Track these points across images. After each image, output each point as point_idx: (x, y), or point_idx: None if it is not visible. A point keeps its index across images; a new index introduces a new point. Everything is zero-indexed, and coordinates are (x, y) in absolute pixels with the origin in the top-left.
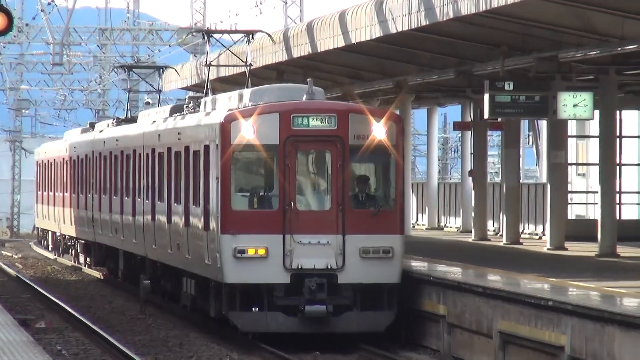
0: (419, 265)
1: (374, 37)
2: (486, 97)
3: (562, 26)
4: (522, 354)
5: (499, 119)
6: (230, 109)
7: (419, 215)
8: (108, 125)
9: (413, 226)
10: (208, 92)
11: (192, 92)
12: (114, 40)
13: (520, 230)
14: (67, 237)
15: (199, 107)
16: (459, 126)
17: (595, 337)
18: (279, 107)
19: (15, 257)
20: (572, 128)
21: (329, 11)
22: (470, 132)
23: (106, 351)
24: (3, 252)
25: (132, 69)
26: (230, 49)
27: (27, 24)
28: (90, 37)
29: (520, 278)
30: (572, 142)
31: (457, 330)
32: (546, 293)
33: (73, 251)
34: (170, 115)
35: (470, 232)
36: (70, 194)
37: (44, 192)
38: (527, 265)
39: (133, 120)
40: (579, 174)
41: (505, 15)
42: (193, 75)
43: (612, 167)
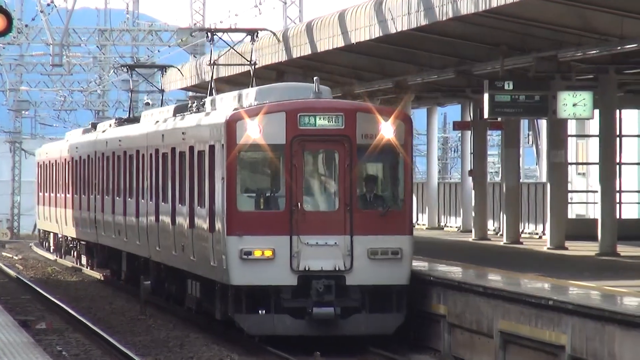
0: (419, 265)
1: (374, 37)
2: (486, 97)
3: (562, 26)
4: (523, 353)
5: (499, 119)
6: (235, 109)
7: (419, 215)
8: (110, 126)
9: (413, 226)
10: (212, 91)
11: (191, 93)
12: (113, 41)
13: (521, 230)
14: (68, 238)
15: (203, 106)
16: (459, 126)
17: (596, 337)
18: (285, 106)
19: (16, 258)
20: (572, 127)
21: (328, 11)
22: (470, 131)
23: (107, 352)
24: (3, 254)
25: (135, 69)
26: (233, 48)
27: (26, 25)
28: (89, 37)
29: (520, 277)
30: (572, 142)
31: (457, 330)
32: (546, 292)
33: (75, 253)
34: (174, 115)
35: (471, 231)
36: (72, 195)
37: (46, 193)
38: (528, 265)
39: (136, 120)
40: (579, 173)
41: (504, 14)
42: (193, 76)
43: (612, 166)
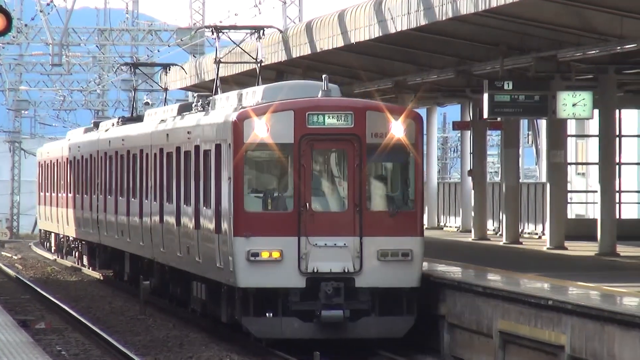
0: None
1: (373, 37)
2: (485, 97)
3: (561, 25)
4: (522, 353)
5: (499, 119)
6: (242, 107)
7: None
8: (113, 125)
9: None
10: (218, 90)
11: (191, 93)
12: (113, 41)
13: (520, 230)
14: (70, 238)
15: (209, 105)
16: (459, 126)
17: (595, 337)
18: (293, 105)
19: (15, 258)
20: (571, 127)
21: (328, 11)
22: (469, 131)
23: (106, 352)
24: (3, 253)
25: (138, 67)
26: (239, 46)
27: (26, 25)
28: (89, 37)
29: (520, 277)
30: (571, 142)
31: (457, 330)
32: (546, 292)
33: (77, 253)
34: (179, 114)
35: (470, 231)
36: (74, 195)
37: (47, 193)
38: (527, 265)
39: (139, 119)
40: (579, 174)
41: (504, 14)
42: (193, 75)
43: (612, 166)
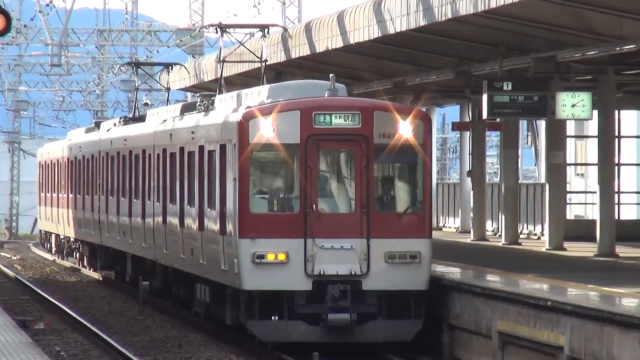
0: None
1: (373, 38)
2: (485, 98)
3: (561, 26)
4: (521, 354)
5: (498, 119)
6: (248, 107)
7: None
8: (115, 125)
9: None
10: (222, 89)
11: (190, 93)
12: (112, 41)
13: (519, 231)
14: (71, 239)
15: (212, 104)
16: (458, 126)
17: (595, 337)
18: (299, 104)
19: (14, 258)
20: (570, 128)
21: (327, 12)
22: (468, 132)
23: (105, 352)
24: (2, 254)
25: (140, 67)
26: (243, 44)
27: (25, 25)
28: (88, 38)
29: (519, 278)
30: (570, 142)
31: (456, 331)
32: (545, 293)
33: (77, 254)
34: (182, 114)
35: (469, 232)
36: (75, 195)
37: (47, 194)
38: (526, 266)
39: (141, 119)
40: (578, 174)
41: (503, 15)
42: (192, 76)
43: (611, 167)
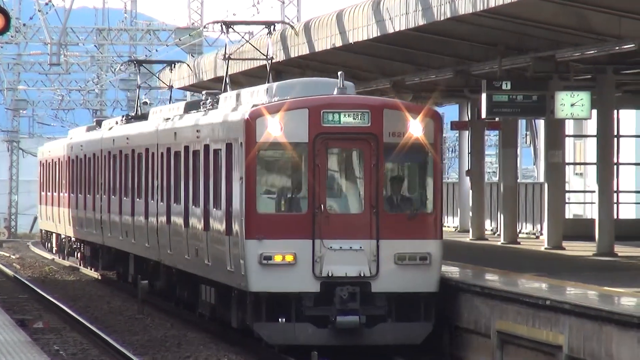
0: None
1: (372, 37)
2: (483, 97)
3: (560, 25)
4: (520, 353)
5: (497, 119)
6: (254, 105)
7: None
8: (117, 123)
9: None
10: (227, 87)
11: (189, 92)
12: (111, 40)
13: (518, 230)
14: (72, 239)
15: (218, 103)
16: (457, 126)
17: (593, 337)
18: (307, 102)
19: (13, 257)
20: (569, 127)
21: (326, 11)
22: (467, 131)
23: (104, 351)
24: (1, 253)
25: (142, 64)
26: (249, 42)
27: (24, 24)
28: (87, 37)
29: (517, 277)
30: (569, 142)
31: (455, 331)
32: (544, 292)
33: (79, 254)
34: (186, 112)
35: (468, 231)
36: (77, 195)
37: (48, 193)
38: (525, 265)
39: (143, 117)
40: (577, 174)
41: (502, 14)
42: (191, 75)
43: (610, 166)
